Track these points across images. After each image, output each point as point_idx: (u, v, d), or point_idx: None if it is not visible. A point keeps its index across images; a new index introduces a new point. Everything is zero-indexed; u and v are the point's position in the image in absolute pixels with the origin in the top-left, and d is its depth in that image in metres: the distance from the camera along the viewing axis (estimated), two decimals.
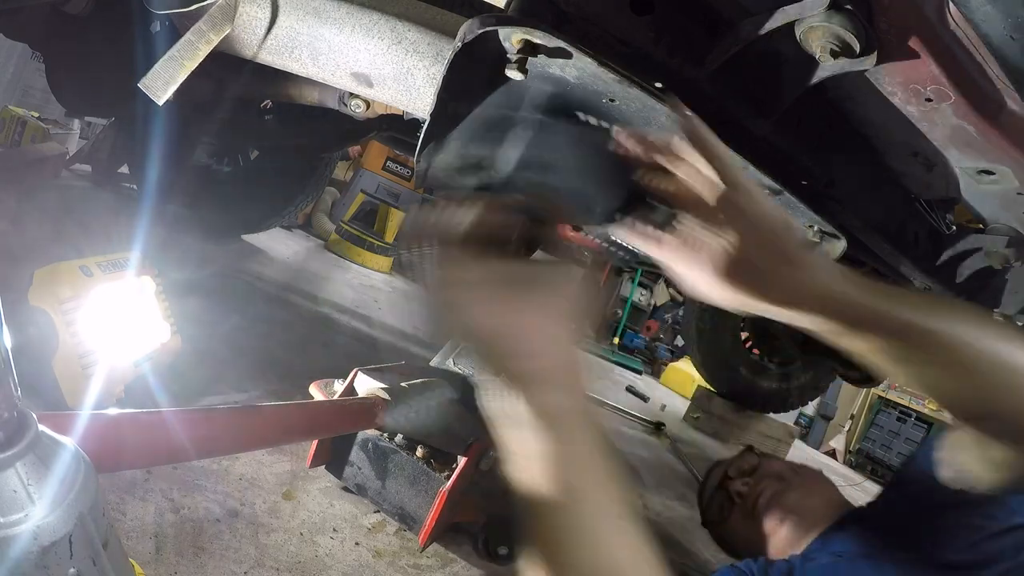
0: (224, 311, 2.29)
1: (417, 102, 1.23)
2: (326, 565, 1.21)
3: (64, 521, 0.43)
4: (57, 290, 1.26)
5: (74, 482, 0.46)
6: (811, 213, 1.03)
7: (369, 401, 1.30)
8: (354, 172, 5.75)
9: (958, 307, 0.65)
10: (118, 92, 1.64)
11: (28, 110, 4.75)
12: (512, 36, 0.77)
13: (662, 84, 0.87)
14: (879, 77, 0.89)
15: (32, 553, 0.41)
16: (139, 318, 1.44)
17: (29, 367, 1.23)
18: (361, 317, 3.17)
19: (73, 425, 0.67)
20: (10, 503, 0.41)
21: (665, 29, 0.87)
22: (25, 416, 0.44)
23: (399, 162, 5.63)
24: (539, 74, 0.85)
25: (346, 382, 1.41)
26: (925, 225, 1.37)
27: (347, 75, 1.26)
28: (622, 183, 1.09)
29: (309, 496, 1.38)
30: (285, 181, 3.19)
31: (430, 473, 1.33)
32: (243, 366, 1.88)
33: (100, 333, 1.29)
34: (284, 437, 1.21)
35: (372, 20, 1.15)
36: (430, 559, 1.36)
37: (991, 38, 0.67)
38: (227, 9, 1.15)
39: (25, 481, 0.42)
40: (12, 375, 0.43)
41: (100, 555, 0.47)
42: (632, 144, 0.68)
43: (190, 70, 1.15)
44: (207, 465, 1.31)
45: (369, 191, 5.58)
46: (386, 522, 1.41)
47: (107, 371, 1.29)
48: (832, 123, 1.09)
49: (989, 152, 0.99)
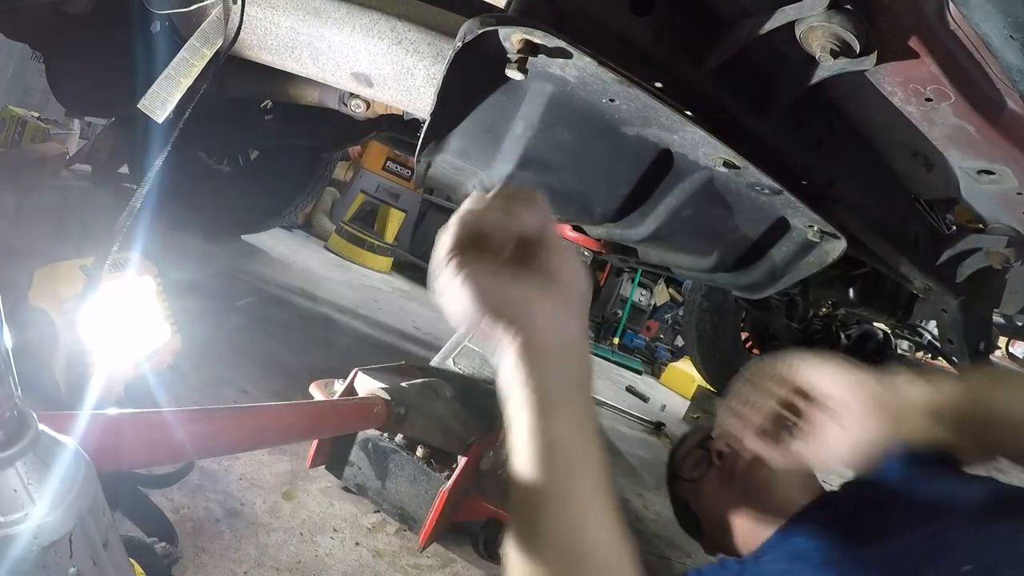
0: (224, 311, 2.29)
1: (417, 102, 1.23)
2: (326, 565, 1.21)
3: (64, 521, 0.43)
4: (57, 290, 1.26)
5: (74, 482, 0.46)
6: (811, 213, 1.03)
7: (369, 401, 1.30)
8: (354, 172, 5.74)
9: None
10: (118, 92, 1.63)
11: (28, 110, 4.75)
12: (512, 36, 0.77)
13: (662, 84, 0.87)
14: (879, 77, 0.89)
15: (32, 553, 0.41)
16: (139, 318, 1.44)
17: (29, 367, 1.23)
18: (361, 317, 3.17)
19: (73, 425, 0.67)
20: (10, 502, 0.41)
21: (665, 29, 0.87)
22: (25, 416, 0.44)
23: (399, 162, 5.62)
24: (539, 74, 0.85)
25: (346, 382, 1.41)
26: (925, 225, 1.37)
27: (347, 75, 1.26)
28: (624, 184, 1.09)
29: (309, 496, 1.38)
30: (285, 181, 3.18)
31: (430, 473, 1.33)
32: (243, 366, 1.88)
33: (100, 333, 1.29)
34: (284, 437, 1.21)
35: (372, 20, 1.15)
36: (430, 559, 1.36)
37: (991, 38, 0.67)
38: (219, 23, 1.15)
39: (25, 481, 0.42)
40: (12, 375, 0.43)
41: (100, 554, 0.47)
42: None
43: (187, 87, 1.16)
44: (207, 465, 1.31)
45: (369, 191, 5.58)
46: (386, 522, 1.41)
47: (107, 371, 1.29)
48: (832, 123, 1.09)
49: (989, 152, 0.99)
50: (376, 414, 1.27)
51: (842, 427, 0.77)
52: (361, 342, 2.78)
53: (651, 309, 7.99)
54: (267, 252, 3.65)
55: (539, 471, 0.54)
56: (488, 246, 0.54)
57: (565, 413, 0.55)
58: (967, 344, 1.86)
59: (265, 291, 2.88)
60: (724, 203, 1.09)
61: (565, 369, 0.55)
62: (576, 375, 0.56)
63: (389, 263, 5.04)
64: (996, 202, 1.19)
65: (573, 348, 0.56)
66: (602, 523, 0.55)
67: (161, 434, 0.80)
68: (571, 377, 0.56)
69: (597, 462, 0.56)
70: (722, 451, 1.25)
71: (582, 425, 0.56)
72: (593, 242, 1.47)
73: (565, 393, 0.55)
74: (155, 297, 1.50)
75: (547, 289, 0.55)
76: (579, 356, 0.57)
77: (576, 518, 0.54)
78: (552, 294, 0.55)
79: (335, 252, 4.83)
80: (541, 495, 0.54)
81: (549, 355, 0.55)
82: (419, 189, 5.50)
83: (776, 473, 1.15)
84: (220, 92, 1.69)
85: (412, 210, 5.61)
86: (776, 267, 1.20)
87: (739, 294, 1.35)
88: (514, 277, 0.54)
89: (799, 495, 1.14)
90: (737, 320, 3.69)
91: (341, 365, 1.50)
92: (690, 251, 1.28)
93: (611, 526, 0.55)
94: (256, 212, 3.24)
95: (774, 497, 1.13)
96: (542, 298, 0.55)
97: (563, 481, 0.54)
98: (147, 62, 1.37)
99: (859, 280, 2.13)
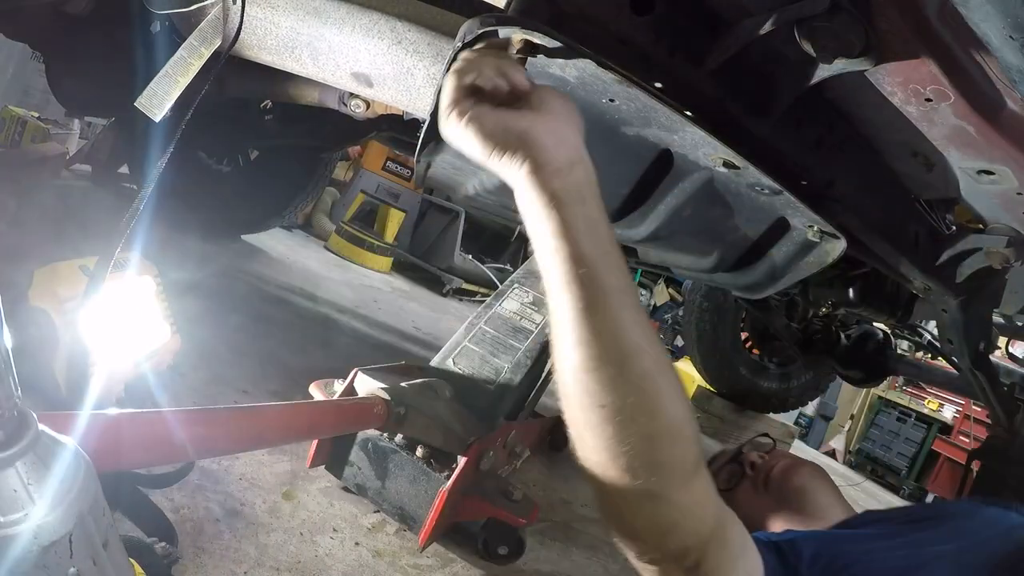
0: (224, 311, 2.29)
1: (417, 102, 1.23)
2: (326, 565, 1.21)
3: (64, 521, 0.43)
4: (57, 290, 1.26)
5: (74, 482, 0.46)
6: (811, 213, 1.03)
7: (369, 401, 1.30)
8: (354, 172, 5.74)
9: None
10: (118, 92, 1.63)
11: (28, 110, 4.75)
12: (512, 36, 0.77)
13: (662, 84, 0.87)
14: (879, 77, 0.89)
15: (32, 553, 0.41)
16: (139, 318, 1.44)
17: (29, 367, 1.23)
18: (361, 317, 3.17)
19: (73, 425, 0.67)
20: (10, 503, 0.41)
21: (665, 29, 0.87)
22: (25, 416, 0.44)
23: (399, 162, 5.62)
24: (539, 74, 0.85)
25: (346, 382, 1.41)
26: (925, 225, 1.37)
27: (347, 75, 1.26)
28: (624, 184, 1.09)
29: (309, 496, 1.38)
30: (285, 181, 3.18)
31: (430, 473, 1.33)
32: (243, 366, 1.88)
33: (100, 333, 1.29)
34: (284, 437, 1.21)
35: (372, 20, 1.15)
36: (430, 559, 1.36)
37: (990, 38, 0.67)
38: (217, 22, 1.15)
39: (25, 481, 0.42)
40: (12, 375, 0.43)
41: (100, 554, 0.47)
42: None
43: (184, 85, 1.16)
44: (207, 465, 1.31)
45: (369, 191, 5.57)
46: (386, 522, 1.41)
47: (107, 371, 1.29)
48: (832, 123, 1.09)
49: (989, 152, 0.99)
50: (376, 414, 1.27)
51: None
52: (361, 342, 2.78)
53: (651, 309, 7.99)
54: (267, 252, 3.65)
55: (568, 287, 0.59)
56: (484, 96, 0.62)
57: (581, 225, 0.60)
58: (967, 344, 1.86)
59: (265, 291, 2.88)
60: (724, 203, 1.09)
61: (573, 182, 0.61)
62: (584, 184, 0.62)
63: (389, 263, 5.04)
64: (996, 202, 1.19)
65: (576, 162, 0.62)
66: (637, 328, 0.59)
67: (161, 434, 0.80)
68: (579, 186, 0.61)
69: (618, 267, 0.61)
70: (755, 462, 1.27)
71: (597, 231, 0.61)
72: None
73: (577, 204, 0.60)
74: (155, 297, 1.50)
75: (541, 117, 0.62)
76: (583, 169, 0.63)
77: (612, 324, 0.58)
78: (547, 120, 0.62)
79: (335, 252, 4.83)
80: (575, 310, 0.59)
81: (556, 173, 0.61)
82: (419, 189, 5.50)
83: (811, 479, 1.18)
84: (220, 92, 1.69)
85: (412, 210, 5.60)
86: (776, 267, 1.20)
87: (739, 294, 1.35)
88: (511, 113, 0.62)
89: (832, 503, 1.15)
90: (737, 320, 3.69)
91: (341, 365, 1.49)
92: (690, 251, 1.28)
93: (646, 331, 0.60)
94: (256, 212, 3.24)
95: (808, 503, 1.14)
96: (539, 124, 0.61)
97: (590, 292, 0.58)
98: (147, 62, 1.37)
99: (859, 280, 2.13)
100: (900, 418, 7.85)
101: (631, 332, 0.59)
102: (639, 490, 0.60)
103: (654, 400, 0.59)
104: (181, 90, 1.17)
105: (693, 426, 0.62)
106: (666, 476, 0.60)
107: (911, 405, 7.91)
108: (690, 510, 0.63)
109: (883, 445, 7.82)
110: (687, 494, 0.62)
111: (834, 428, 8.52)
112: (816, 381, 3.99)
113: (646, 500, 0.61)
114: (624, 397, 0.58)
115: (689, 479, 0.62)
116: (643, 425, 0.59)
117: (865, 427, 8.12)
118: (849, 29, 0.77)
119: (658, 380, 0.59)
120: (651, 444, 0.59)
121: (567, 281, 0.59)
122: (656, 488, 0.60)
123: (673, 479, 0.61)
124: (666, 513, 0.62)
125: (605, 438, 0.59)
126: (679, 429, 0.60)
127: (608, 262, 0.60)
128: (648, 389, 0.59)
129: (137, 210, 0.93)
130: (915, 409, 7.84)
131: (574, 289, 0.59)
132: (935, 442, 7.45)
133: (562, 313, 0.60)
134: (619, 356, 0.58)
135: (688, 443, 0.62)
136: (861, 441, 8.06)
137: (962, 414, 7.39)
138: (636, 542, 0.65)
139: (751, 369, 3.79)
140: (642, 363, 0.58)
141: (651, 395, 0.59)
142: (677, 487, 0.62)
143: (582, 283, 0.58)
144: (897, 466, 7.60)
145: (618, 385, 0.58)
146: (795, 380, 3.91)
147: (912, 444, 7.62)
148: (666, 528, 0.63)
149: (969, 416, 6.89)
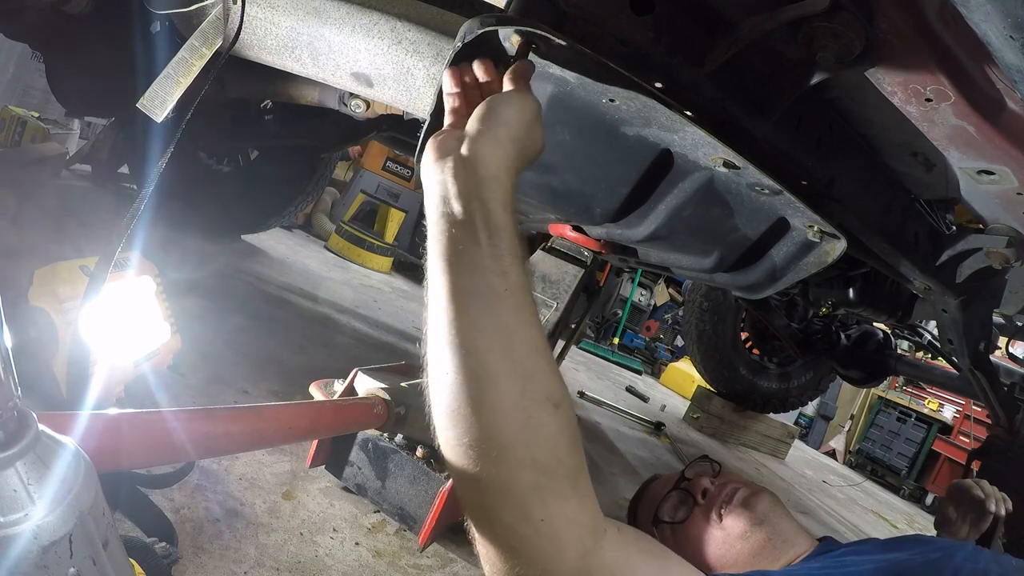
0: (224, 311, 2.29)
1: (417, 102, 1.23)
2: (326, 565, 1.21)
3: (64, 521, 0.43)
4: (57, 290, 1.26)
5: (74, 482, 0.46)
6: (811, 213, 1.03)
7: (369, 401, 1.30)
8: (354, 172, 5.74)
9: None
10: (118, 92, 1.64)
11: (28, 110, 4.75)
12: (512, 36, 0.77)
13: (662, 84, 0.87)
14: (879, 77, 0.89)
15: (32, 553, 0.41)
16: (139, 318, 1.44)
17: (29, 367, 1.23)
18: (361, 317, 3.17)
19: (73, 425, 0.67)
20: (10, 503, 0.41)
21: (665, 29, 0.87)
22: (25, 416, 0.44)
23: (399, 162, 5.62)
24: (539, 74, 0.85)
25: (346, 382, 1.41)
26: (925, 225, 1.37)
27: (347, 75, 1.26)
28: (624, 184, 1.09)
29: (309, 496, 1.38)
30: (285, 181, 3.18)
31: (430, 473, 1.33)
32: (243, 366, 1.88)
33: (100, 333, 1.29)
34: (284, 437, 1.20)
35: (372, 20, 1.15)
36: (430, 559, 1.36)
37: (990, 38, 0.67)
38: (218, 23, 1.15)
39: (25, 481, 0.42)
40: (12, 375, 0.43)
41: (100, 555, 0.47)
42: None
43: (185, 86, 1.16)
44: (207, 465, 1.31)
45: (369, 191, 5.58)
46: (386, 522, 1.41)
47: (107, 371, 1.29)
48: (832, 123, 1.09)
49: (989, 152, 0.99)
50: (376, 414, 1.27)
51: None
52: (361, 342, 2.78)
53: (651, 309, 7.99)
54: (267, 252, 3.65)
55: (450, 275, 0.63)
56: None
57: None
58: (967, 344, 1.86)
59: (265, 291, 2.88)
60: (724, 203, 1.09)
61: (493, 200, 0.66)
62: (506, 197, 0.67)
63: (389, 263, 5.04)
64: (996, 202, 1.19)
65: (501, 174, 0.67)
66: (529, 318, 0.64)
67: (161, 434, 0.80)
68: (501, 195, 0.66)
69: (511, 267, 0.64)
70: (707, 488, 1.16)
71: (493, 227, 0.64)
72: (593, 242, 1.47)
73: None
74: (155, 297, 1.50)
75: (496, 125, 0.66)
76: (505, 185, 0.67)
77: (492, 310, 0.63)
78: (497, 130, 0.66)
79: (335, 252, 4.83)
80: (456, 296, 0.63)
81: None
82: (419, 189, 5.50)
83: (772, 508, 1.09)
84: (220, 92, 1.69)
85: (412, 210, 5.60)
86: (776, 267, 1.20)
87: (739, 294, 1.35)
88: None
89: (796, 530, 1.08)
90: (737, 320, 3.69)
91: (341, 365, 1.50)
92: (690, 251, 1.28)
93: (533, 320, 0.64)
94: (256, 212, 3.25)
95: (775, 535, 1.05)
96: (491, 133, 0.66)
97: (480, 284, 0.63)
98: (147, 62, 1.37)
99: (859, 280, 2.13)
100: (900, 418, 7.85)
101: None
102: (471, 496, 0.66)
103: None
104: (183, 91, 1.17)
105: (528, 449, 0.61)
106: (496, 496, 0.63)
107: (911, 405, 7.91)
108: (536, 538, 0.62)
109: (883, 445, 7.82)
110: (526, 521, 0.62)
111: (834, 428, 8.52)
112: (816, 381, 3.99)
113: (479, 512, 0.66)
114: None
115: (527, 504, 0.62)
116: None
117: (865, 427, 8.12)
118: (849, 29, 0.77)
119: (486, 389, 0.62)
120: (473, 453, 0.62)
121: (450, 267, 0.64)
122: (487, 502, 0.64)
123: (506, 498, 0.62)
124: (507, 534, 0.64)
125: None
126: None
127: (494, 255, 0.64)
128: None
129: (137, 210, 0.93)
130: (915, 409, 7.84)
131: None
132: (935, 442, 7.45)
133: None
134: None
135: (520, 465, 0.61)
136: (861, 441, 8.06)
137: (962, 414, 7.40)
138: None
139: (751, 369, 3.79)
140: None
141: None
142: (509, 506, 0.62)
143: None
144: (897, 466, 7.60)
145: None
146: (795, 380, 3.91)
147: (912, 444, 7.62)
148: (508, 553, 0.65)
149: (969, 416, 6.89)
